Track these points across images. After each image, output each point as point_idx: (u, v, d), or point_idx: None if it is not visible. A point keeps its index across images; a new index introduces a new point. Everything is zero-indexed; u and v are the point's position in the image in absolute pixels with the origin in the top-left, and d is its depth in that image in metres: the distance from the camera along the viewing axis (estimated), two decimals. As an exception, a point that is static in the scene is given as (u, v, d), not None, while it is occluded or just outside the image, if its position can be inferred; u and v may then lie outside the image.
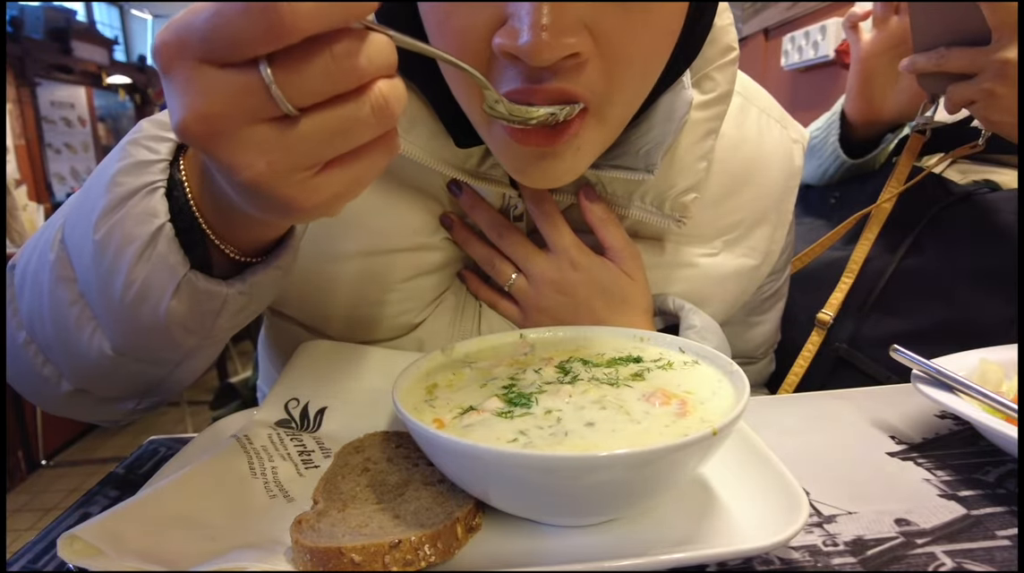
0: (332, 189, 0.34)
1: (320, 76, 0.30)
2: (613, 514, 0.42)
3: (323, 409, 0.57)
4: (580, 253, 0.60)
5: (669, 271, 0.65)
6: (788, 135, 0.71)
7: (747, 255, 0.67)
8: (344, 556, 0.37)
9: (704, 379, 0.47)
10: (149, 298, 0.43)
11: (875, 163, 0.98)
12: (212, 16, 0.29)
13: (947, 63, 0.72)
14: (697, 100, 0.59)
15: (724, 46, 0.60)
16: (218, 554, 0.40)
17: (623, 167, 0.57)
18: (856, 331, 0.82)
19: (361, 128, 0.32)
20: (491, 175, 0.59)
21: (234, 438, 0.52)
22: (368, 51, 0.31)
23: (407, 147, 0.56)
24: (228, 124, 0.31)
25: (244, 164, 0.32)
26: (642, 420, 0.41)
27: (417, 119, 0.56)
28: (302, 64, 0.30)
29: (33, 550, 0.46)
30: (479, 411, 0.43)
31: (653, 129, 0.56)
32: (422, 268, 0.62)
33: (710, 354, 0.50)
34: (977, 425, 0.49)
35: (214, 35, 0.30)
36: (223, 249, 0.45)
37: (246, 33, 0.29)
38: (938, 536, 0.42)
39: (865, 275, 0.84)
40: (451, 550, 0.39)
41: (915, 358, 0.55)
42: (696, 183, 0.60)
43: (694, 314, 0.63)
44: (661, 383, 0.46)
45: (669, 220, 0.60)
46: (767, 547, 0.37)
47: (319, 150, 0.32)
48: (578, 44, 0.43)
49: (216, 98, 0.30)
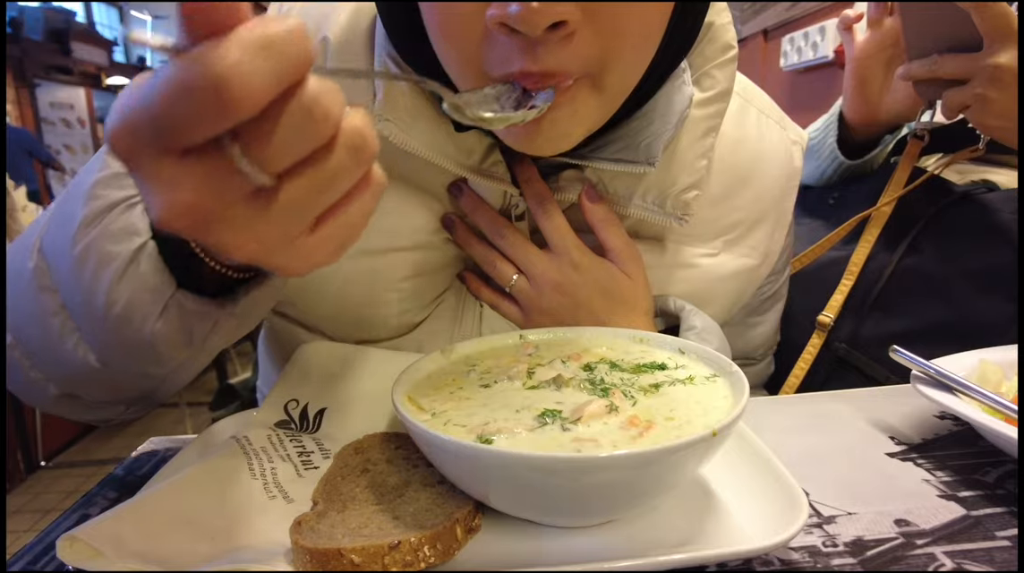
0: (327, 245, 0.32)
1: (291, 138, 0.27)
2: (613, 515, 0.42)
3: (322, 410, 0.57)
4: (581, 254, 0.60)
5: (670, 271, 0.65)
6: (787, 136, 0.71)
7: (747, 255, 0.67)
8: (344, 557, 0.37)
9: (715, 395, 0.45)
10: (133, 319, 0.42)
11: (873, 164, 0.98)
12: (158, 101, 0.26)
13: (940, 70, 0.73)
14: (697, 97, 0.59)
15: (723, 44, 0.60)
16: (217, 555, 0.40)
17: (625, 160, 0.57)
18: (855, 331, 0.82)
19: (343, 176, 0.30)
20: (493, 172, 0.59)
21: (233, 439, 0.52)
22: (329, 95, 0.28)
23: (410, 143, 0.55)
24: (205, 212, 0.28)
25: (233, 246, 0.30)
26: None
27: (418, 114, 0.55)
28: (269, 131, 0.27)
29: (32, 551, 0.46)
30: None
31: (653, 123, 0.57)
32: (423, 267, 0.61)
33: (710, 355, 0.50)
34: (977, 426, 0.49)
35: (165, 123, 0.26)
36: (212, 266, 0.42)
37: (198, 116, 0.25)
38: (938, 537, 0.42)
39: (864, 275, 0.84)
40: (451, 551, 0.39)
41: (915, 359, 0.55)
42: (697, 181, 0.60)
43: (695, 315, 0.62)
44: (664, 402, 0.44)
45: (671, 218, 0.60)
46: (767, 548, 0.37)
47: (305, 212, 0.30)
48: (566, 12, 0.43)
49: (186, 189, 0.27)
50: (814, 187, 1.03)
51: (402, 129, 0.54)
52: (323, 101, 0.28)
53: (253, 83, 0.25)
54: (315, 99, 0.27)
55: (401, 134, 0.55)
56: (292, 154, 0.28)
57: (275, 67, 0.26)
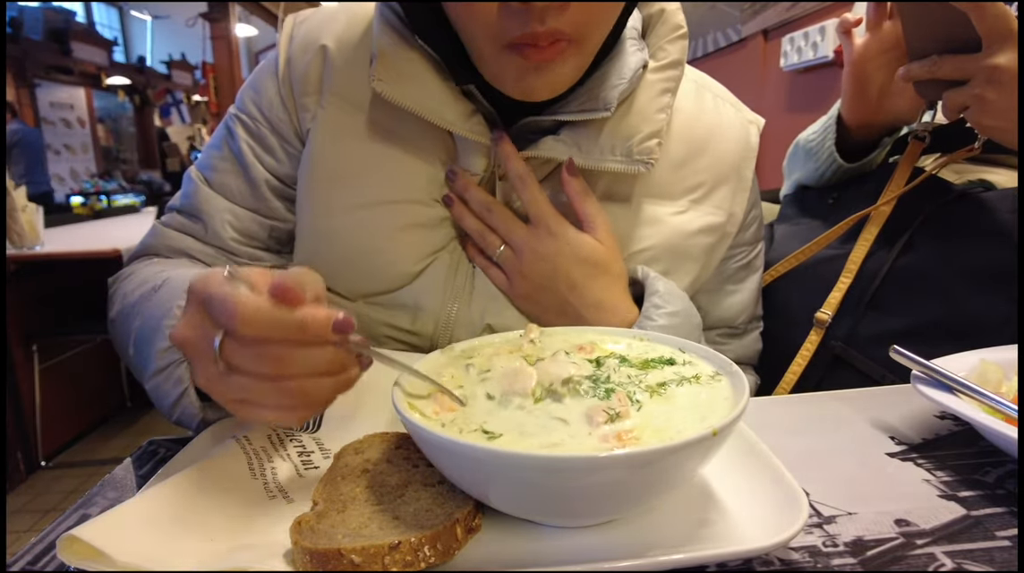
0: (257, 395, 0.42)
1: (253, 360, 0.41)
2: (613, 515, 0.42)
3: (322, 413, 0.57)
4: (557, 223, 0.68)
5: (644, 228, 0.72)
6: (744, 116, 0.80)
7: (712, 214, 0.74)
8: (344, 557, 0.37)
9: (717, 397, 0.45)
10: (183, 421, 0.59)
11: (872, 165, 0.98)
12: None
13: (940, 70, 0.74)
14: (652, 65, 0.70)
15: (673, 25, 0.72)
16: (217, 555, 0.40)
17: (587, 110, 0.66)
18: (852, 329, 0.82)
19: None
20: (474, 129, 0.67)
21: (234, 439, 0.52)
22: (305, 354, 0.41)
23: (402, 100, 0.65)
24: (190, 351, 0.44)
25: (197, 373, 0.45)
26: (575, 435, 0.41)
27: (410, 77, 0.66)
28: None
29: (33, 551, 0.46)
30: None
31: (610, 78, 0.67)
32: (417, 219, 0.70)
33: (710, 354, 0.50)
34: (977, 426, 0.49)
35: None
36: None
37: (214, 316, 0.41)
38: (938, 537, 0.42)
39: (861, 274, 0.84)
40: (451, 551, 0.39)
41: (915, 358, 0.55)
42: (657, 130, 0.68)
43: (658, 281, 0.69)
44: (665, 411, 0.44)
45: (638, 165, 0.67)
46: (767, 548, 0.37)
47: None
48: None
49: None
50: (813, 187, 1.03)
51: (394, 88, 0.65)
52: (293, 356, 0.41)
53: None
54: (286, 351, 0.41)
55: (393, 92, 0.65)
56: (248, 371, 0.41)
57: (274, 325, 0.39)
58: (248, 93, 0.74)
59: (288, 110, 0.72)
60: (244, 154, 0.73)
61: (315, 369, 0.41)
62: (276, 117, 0.72)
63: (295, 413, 0.43)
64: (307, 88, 0.71)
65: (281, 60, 0.72)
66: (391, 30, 0.67)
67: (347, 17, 0.73)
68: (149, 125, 8.22)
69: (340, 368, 0.43)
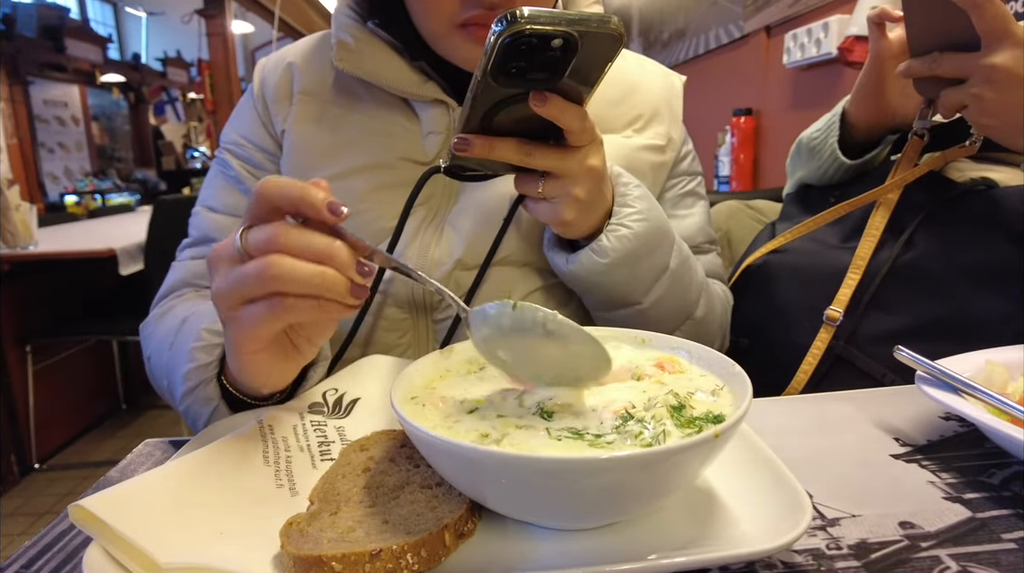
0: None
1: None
2: (615, 517, 0.42)
3: (356, 400, 0.58)
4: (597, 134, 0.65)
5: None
6: (665, 69, 0.91)
7: (654, 139, 0.84)
8: (324, 564, 0.37)
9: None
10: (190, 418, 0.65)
11: (874, 163, 0.98)
12: None
13: (939, 68, 0.74)
14: None
15: None
16: (207, 541, 0.40)
17: None
18: (853, 329, 0.82)
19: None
20: (429, 92, 0.75)
21: (257, 422, 0.53)
22: None
23: (362, 72, 0.74)
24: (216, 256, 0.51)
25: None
26: None
27: (371, 53, 0.75)
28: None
29: (26, 555, 0.45)
30: None
31: None
32: (386, 181, 0.76)
33: (713, 357, 0.49)
34: (982, 427, 0.49)
35: None
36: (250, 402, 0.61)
37: None
38: (943, 539, 0.42)
39: (866, 271, 0.83)
40: (437, 557, 0.39)
41: (919, 359, 0.55)
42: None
43: (628, 181, 0.71)
44: None
45: None
46: (770, 550, 0.37)
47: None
48: None
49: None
50: (816, 186, 1.03)
51: (354, 64, 0.74)
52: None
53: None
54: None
55: (353, 67, 0.74)
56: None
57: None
58: (229, 128, 0.84)
59: (264, 123, 0.81)
60: (241, 177, 0.80)
61: (313, 249, 0.46)
62: (258, 135, 0.81)
63: (284, 311, 0.47)
64: (279, 95, 0.80)
65: (256, 84, 0.83)
66: (348, 21, 0.76)
67: (307, 38, 0.85)
68: (144, 123, 8.17)
69: (340, 265, 0.47)
